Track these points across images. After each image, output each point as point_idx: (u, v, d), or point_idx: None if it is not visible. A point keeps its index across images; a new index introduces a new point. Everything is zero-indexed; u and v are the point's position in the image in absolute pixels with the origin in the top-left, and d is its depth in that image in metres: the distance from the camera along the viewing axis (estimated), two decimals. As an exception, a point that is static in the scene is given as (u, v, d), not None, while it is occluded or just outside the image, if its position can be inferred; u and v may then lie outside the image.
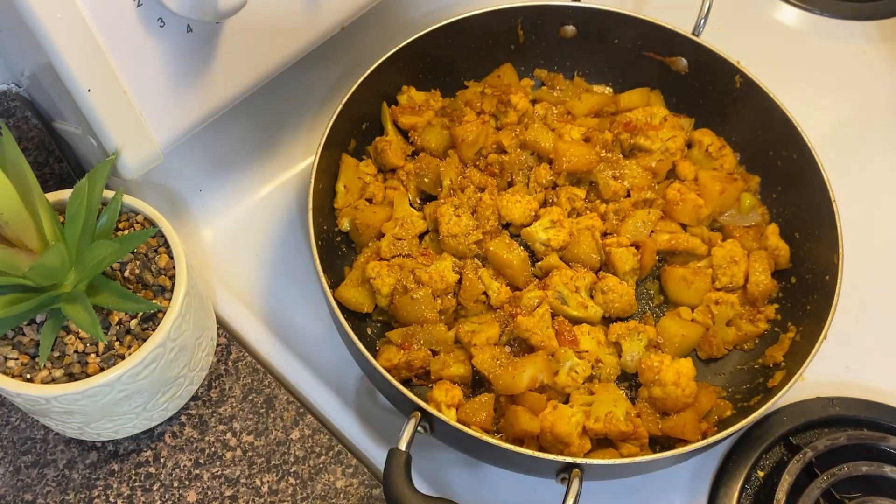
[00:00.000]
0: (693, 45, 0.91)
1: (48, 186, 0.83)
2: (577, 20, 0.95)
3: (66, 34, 0.60)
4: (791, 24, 1.13)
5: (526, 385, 0.74)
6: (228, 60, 0.72)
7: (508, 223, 0.86)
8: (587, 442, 0.74)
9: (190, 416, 0.76)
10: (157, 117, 0.69)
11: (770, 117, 0.87)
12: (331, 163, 0.85)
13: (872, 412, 0.81)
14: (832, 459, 0.77)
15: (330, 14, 0.78)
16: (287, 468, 0.74)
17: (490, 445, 0.66)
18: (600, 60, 0.98)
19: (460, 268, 0.82)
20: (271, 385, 0.78)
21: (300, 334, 0.85)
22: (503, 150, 0.89)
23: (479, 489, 0.78)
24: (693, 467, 0.79)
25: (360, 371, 0.80)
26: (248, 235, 0.91)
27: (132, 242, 0.65)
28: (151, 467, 0.73)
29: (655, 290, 0.87)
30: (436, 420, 0.67)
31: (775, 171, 0.89)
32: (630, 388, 0.81)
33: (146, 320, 0.66)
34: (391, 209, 0.87)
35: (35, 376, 0.63)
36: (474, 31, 0.93)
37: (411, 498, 0.62)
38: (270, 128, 0.93)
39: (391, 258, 0.83)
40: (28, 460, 0.73)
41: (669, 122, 0.91)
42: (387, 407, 0.81)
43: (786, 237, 0.86)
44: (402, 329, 0.79)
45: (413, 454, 0.65)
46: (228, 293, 0.85)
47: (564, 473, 0.67)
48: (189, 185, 0.88)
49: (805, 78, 1.07)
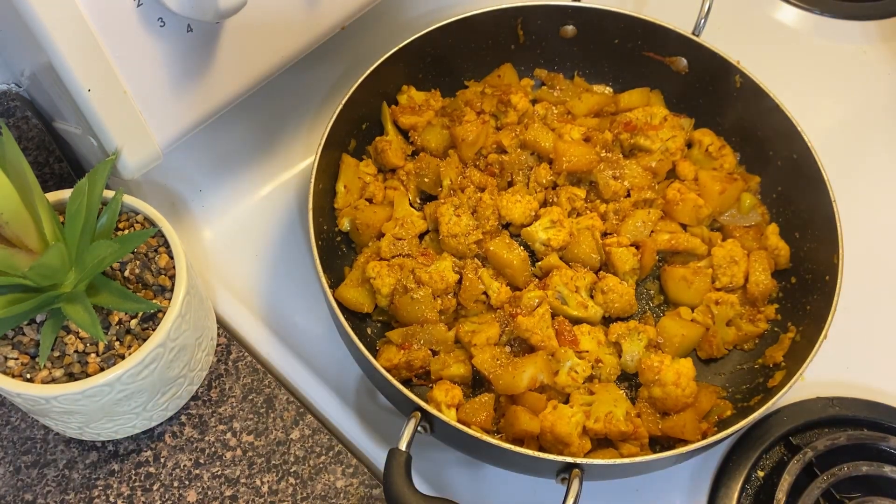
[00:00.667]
0: (693, 45, 0.91)
1: (48, 186, 0.83)
2: (577, 20, 0.95)
3: (66, 34, 0.60)
4: (791, 23, 1.13)
5: (526, 385, 0.74)
6: (228, 60, 0.72)
7: (508, 223, 0.86)
8: (587, 442, 0.74)
9: (190, 416, 0.76)
10: (157, 117, 0.69)
11: (770, 117, 0.87)
12: (331, 163, 0.85)
13: (872, 412, 0.81)
14: (832, 459, 0.77)
15: (330, 14, 0.78)
16: (287, 468, 0.74)
17: (490, 445, 0.66)
18: (600, 60, 0.98)
19: (460, 268, 0.82)
20: (271, 385, 0.78)
21: (300, 334, 0.85)
22: (503, 150, 0.89)
23: (479, 489, 0.78)
24: (693, 467, 0.79)
25: (360, 371, 0.80)
26: (248, 235, 0.91)
27: (132, 242, 0.65)
28: (151, 467, 0.73)
29: (655, 290, 0.87)
30: (436, 420, 0.67)
31: (775, 171, 0.89)
32: (630, 388, 0.81)
33: (146, 320, 0.66)
34: (391, 209, 0.87)
35: (35, 376, 0.63)
36: (474, 31, 0.93)
37: (411, 498, 0.62)
38: (270, 128, 0.93)
39: (391, 258, 0.83)
40: (28, 460, 0.73)
41: (669, 122, 0.91)
42: (387, 407, 0.81)
43: (786, 237, 0.86)
44: (402, 329, 0.79)
45: (413, 454, 0.65)
46: (228, 293, 0.85)
47: (564, 473, 0.67)
48: (189, 185, 0.88)
49: (805, 78, 1.07)
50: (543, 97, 0.96)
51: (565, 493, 0.65)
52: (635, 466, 0.70)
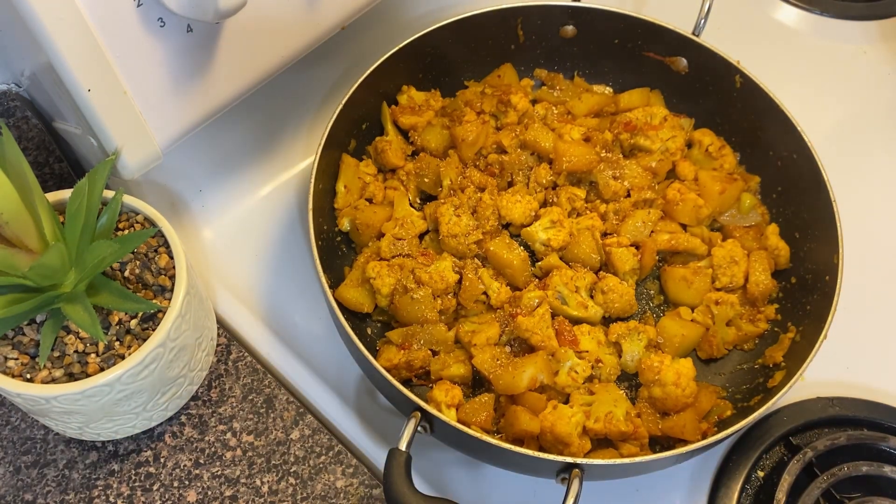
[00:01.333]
0: (693, 45, 0.91)
1: (48, 186, 0.83)
2: (577, 20, 0.95)
3: (66, 34, 0.60)
4: (791, 23, 1.13)
5: (526, 385, 0.74)
6: (228, 60, 0.72)
7: (508, 223, 0.86)
8: (587, 442, 0.74)
9: (190, 415, 0.76)
10: (157, 117, 0.69)
11: (770, 117, 0.87)
12: (331, 163, 0.85)
13: (872, 412, 0.81)
14: (832, 459, 0.77)
15: (330, 14, 0.78)
16: (287, 468, 0.74)
17: (490, 445, 0.66)
18: (600, 60, 0.98)
19: (460, 268, 0.82)
20: (271, 385, 0.78)
21: (300, 334, 0.85)
22: (503, 149, 0.89)
23: (480, 489, 0.78)
24: (693, 467, 0.79)
25: (360, 371, 0.80)
26: (248, 235, 0.91)
27: (132, 242, 0.65)
28: (151, 467, 0.73)
29: (655, 289, 0.87)
30: (436, 420, 0.67)
31: (775, 171, 0.89)
32: (630, 388, 0.81)
33: (146, 320, 0.66)
34: (391, 209, 0.87)
35: (35, 376, 0.63)
36: (474, 31, 0.92)
37: (411, 498, 0.62)
38: (270, 128, 0.93)
39: (391, 258, 0.83)
40: (28, 460, 0.73)
41: (669, 122, 0.91)
42: (387, 407, 0.81)
43: (786, 237, 0.86)
44: (402, 329, 0.79)
45: (413, 454, 0.65)
46: (228, 293, 0.85)
47: (564, 473, 0.67)
48: (189, 185, 0.88)
49: (805, 78, 1.07)
50: (543, 97, 0.96)
51: (565, 493, 0.65)
52: (635, 466, 0.70)
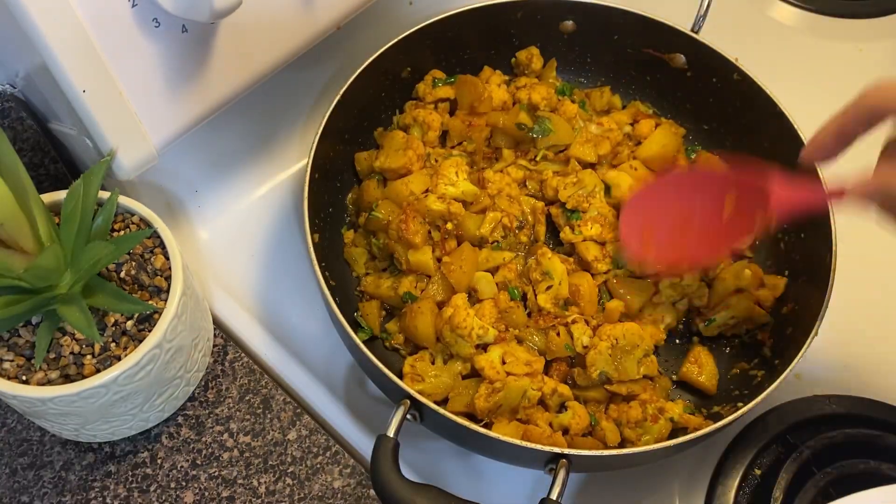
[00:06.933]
0: (692, 42, 0.91)
1: (43, 187, 0.83)
2: (576, 15, 0.95)
3: (60, 35, 0.60)
4: (788, 21, 1.13)
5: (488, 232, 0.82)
6: (224, 61, 0.72)
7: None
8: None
9: (187, 416, 0.76)
10: (152, 118, 0.69)
11: (767, 114, 0.87)
12: (326, 161, 0.85)
13: (869, 410, 0.81)
14: (829, 457, 0.77)
15: (326, 14, 0.78)
16: (284, 468, 0.74)
17: (478, 434, 0.66)
18: (599, 56, 0.98)
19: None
20: (268, 385, 0.78)
21: (297, 334, 0.85)
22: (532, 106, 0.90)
23: (472, 480, 0.78)
24: (690, 465, 0.79)
25: (359, 371, 0.80)
26: (244, 236, 0.91)
27: (128, 243, 0.65)
28: (148, 468, 0.73)
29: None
30: (425, 408, 0.67)
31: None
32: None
33: (142, 321, 0.66)
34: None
35: (31, 378, 0.63)
36: (471, 25, 0.92)
37: (397, 484, 0.62)
38: (266, 128, 0.93)
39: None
40: (24, 462, 0.73)
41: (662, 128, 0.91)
42: (382, 399, 0.80)
43: (781, 235, 0.86)
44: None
45: (406, 444, 0.65)
46: (225, 293, 0.85)
47: (552, 464, 0.66)
48: (185, 185, 0.88)
49: (802, 76, 1.06)
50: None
51: (551, 483, 0.64)
52: (623, 458, 0.69)
